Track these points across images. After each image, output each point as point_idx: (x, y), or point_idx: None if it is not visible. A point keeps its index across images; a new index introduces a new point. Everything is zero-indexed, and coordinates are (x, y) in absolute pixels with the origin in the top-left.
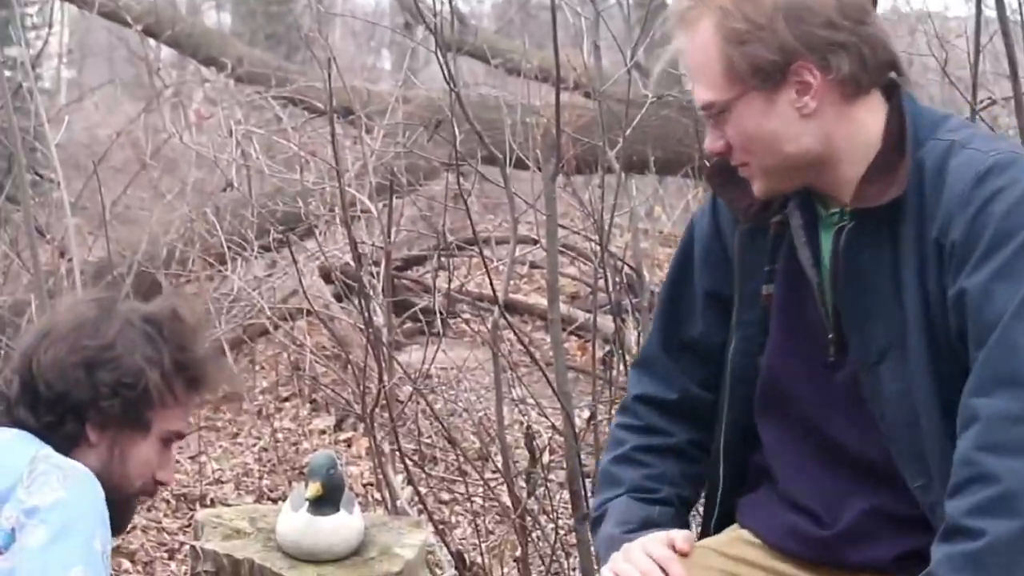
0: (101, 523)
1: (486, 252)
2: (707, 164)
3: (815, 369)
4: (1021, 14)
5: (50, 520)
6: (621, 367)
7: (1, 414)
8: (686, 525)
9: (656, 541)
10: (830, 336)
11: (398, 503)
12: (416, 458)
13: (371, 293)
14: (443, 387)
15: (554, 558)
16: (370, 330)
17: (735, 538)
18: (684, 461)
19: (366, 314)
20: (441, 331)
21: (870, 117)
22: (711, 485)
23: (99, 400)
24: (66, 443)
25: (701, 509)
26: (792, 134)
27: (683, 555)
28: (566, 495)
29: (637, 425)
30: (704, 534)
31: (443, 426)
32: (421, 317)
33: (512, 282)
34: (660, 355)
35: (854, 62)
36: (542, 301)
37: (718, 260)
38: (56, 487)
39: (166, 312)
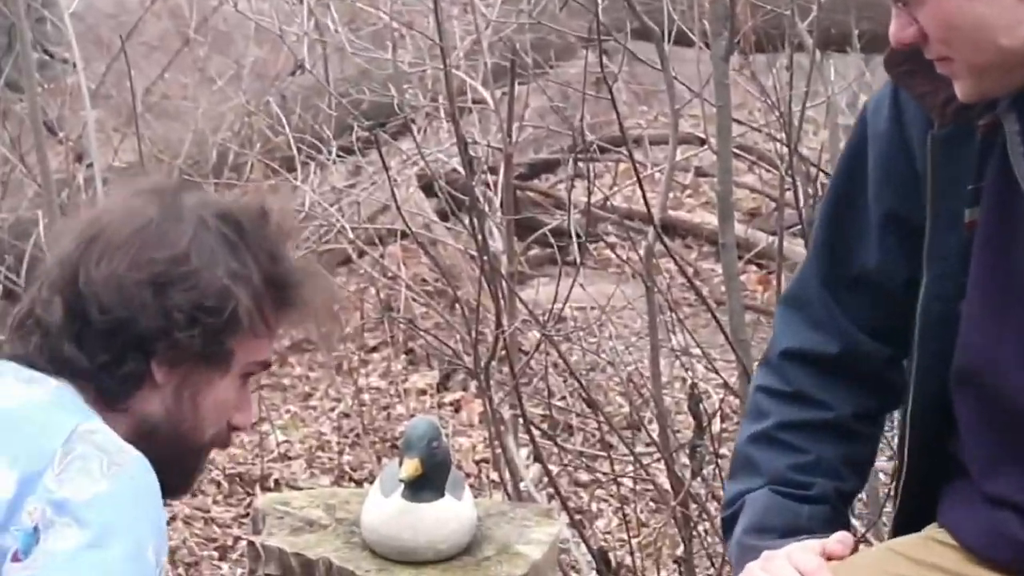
0: (155, 527)
1: (638, 155)
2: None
3: None
4: None
5: (86, 519)
6: None
7: (36, 348)
8: (846, 525)
9: (806, 550)
10: None
11: (522, 485)
12: (546, 427)
13: (487, 209)
14: (581, 333)
15: (726, 558)
16: (485, 258)
17: (929, 538)
18: (846, 442)
19: (480, 237)
20: (579, 259)
21: None
22: (896, 470)
23: (173, 330)
24: (125, 386)
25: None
26: (1008, 21)
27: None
28: None
29: (784, 392)
30: (895, 532)
31: (581, 384)
32: (552, 241)
33: (672, 195)
34: (819, 292)
35: None
36: (712, 219)
37: (901, 173)
38: (97, 477)
39: (251, 210)
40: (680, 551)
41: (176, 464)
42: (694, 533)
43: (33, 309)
